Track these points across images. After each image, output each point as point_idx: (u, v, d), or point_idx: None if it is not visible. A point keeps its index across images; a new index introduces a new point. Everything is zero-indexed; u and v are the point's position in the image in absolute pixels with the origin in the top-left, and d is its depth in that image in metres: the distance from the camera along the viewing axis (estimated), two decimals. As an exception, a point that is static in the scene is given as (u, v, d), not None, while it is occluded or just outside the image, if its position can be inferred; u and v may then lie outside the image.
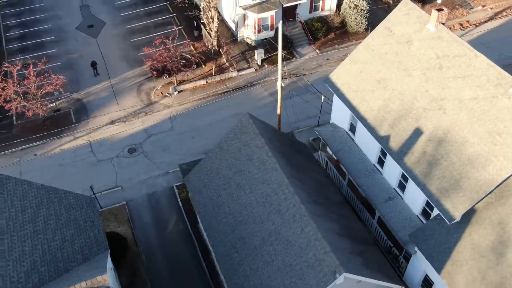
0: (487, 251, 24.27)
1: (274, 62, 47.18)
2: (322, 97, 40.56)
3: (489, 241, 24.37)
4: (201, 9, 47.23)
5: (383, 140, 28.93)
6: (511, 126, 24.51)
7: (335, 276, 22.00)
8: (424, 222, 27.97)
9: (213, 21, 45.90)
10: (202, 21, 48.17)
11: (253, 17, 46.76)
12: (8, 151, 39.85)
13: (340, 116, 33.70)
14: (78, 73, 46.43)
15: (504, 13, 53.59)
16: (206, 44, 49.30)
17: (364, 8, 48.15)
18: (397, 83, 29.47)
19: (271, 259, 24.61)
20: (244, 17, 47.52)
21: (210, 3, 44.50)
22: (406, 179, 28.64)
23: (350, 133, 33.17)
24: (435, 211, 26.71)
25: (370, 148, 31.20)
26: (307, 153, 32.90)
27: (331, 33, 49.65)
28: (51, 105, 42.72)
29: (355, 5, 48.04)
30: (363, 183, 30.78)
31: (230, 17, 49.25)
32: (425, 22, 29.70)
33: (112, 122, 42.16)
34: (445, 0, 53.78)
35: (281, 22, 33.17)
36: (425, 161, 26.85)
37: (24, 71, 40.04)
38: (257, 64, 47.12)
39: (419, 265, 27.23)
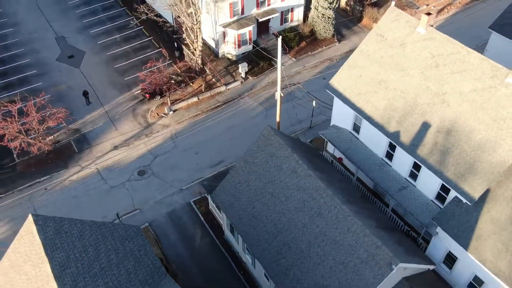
0: (506, 224, 25.11)
1: (256, 73, 46.64)
2: (314, 102, 40.56)
3: (507, 215, 25.24)
4: (183, 30, 45.78)
5: (394, 136, 29.27)
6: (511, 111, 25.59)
7: (391, 268, 21.97)
8: (440, 205, 28.58)
9: (197, 40, 44.60)
10: (185, 41, 46.73)
11: (233, 34, 45.92)
12: (16, 190, 36.72)
13: (342, 117, 33.74)
14: (69, 103, 43.54)
15: (446, 10, 55.97)
16: (190, 63, 47.91)
17: (330, 16, 48.59)
18: (397, 83, 29.90)
19: (321, 259, 24.23)
20: (224, 34, 46.56)
21: (195, 24, 43.17)
22: (417, 169, 29.15)
23: (354, 132, 33.31)
24: (451, 194, 27.37)
25: (377, 144, 31.45)
26: (320, 156, 32.73)
27: (303, 42, 49.74)
28: (50, 137, 39.85)
29: (322, 14, 48.36)
30: (375, 177, 31.01)
31: (209, 36, 48.07)
32: (415, 25, 30.31)
33: (116, 148, 39.95)
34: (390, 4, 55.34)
35: (280, 37, 32.73)
36: (437, 151, 27.43)
37: (23, 108, 37.10)
38: (241, 77, 46.35)
39: (441, 244, 27.77)
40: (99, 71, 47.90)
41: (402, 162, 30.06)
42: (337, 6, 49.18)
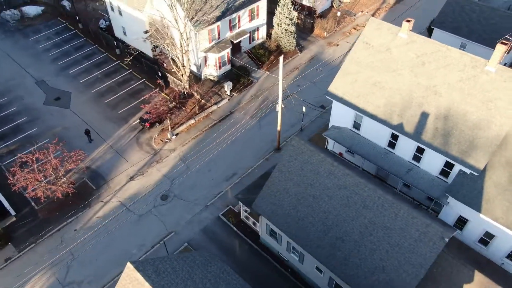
0: (507, 185, 26.95)
1: (239, 90, 45.73)
2: (303, 108, 40.60)
3: (506, 178, 27.10)
4: (166, 59, 43.64)
5: (398, 128, 30.17)
6: (496, 93, 27.40)
7: (444, 241, 22.70)
8: (444, 179, 29.98)
9: (185, 67, 42.72)
10: (167, 69, 44.53)
11: (214, 57, 44.55)
12: (45, 237, 32.94)
13: (341, 118, 34.11)
14: (71, 144, 39.67)
15: (377, 14, 58.60)
16: (176, 88, 45.80)
17: (292, 31, 48.84)
18: (391, 82, 30.81)
19: (376, 245, 24.39)
20: (205, 58, 45.03)
21: (185, 53, 41.27)
22: (421, 152, 30.32)
23: (354, 129, 33.83)
24: (455, 169, 28.82)
25: (379, 136, 32.20)
26: (334, 155, 32.82)
27: (271, 56, 49.57)
28: (63, 179, 36.09)
29: (285, 30, 48.47)
30: (383, 164, 31.80)
31: (191, 62, 46.20)
32: (396, 32, 31.37)
33: (131, 178, 37.18)
34: (333, 13, 56.89)
35: (282, 56, 32.30)
36: (439, 135, 28.71)
37: (40, 157, 33.22)
38: (227, 94, 45.18)
39: (452, 211, 29.17)
40: (90, 108, 44.22)
41: (405, 148, 31.08)
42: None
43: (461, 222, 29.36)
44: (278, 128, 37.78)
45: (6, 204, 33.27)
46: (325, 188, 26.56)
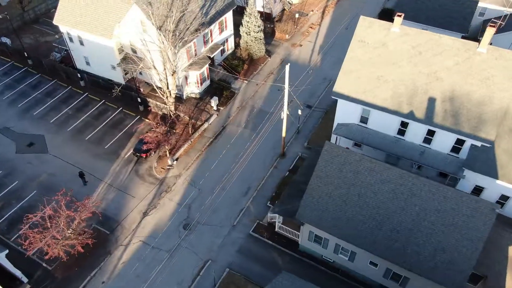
0: (515, 150, 29.47)
1: (224, 103, 44.31)
2: (299, 111, 40.48)
3: (511, 144, 29.61)
4: (144, 84, 40.88)
5: (409, 116, 31.34)
6: (491, 70, 29.63)
7: (495, 212, 24.11)
8: (456, 155, 31.76)
9: (169, 90, 40.28)
10: (143, 94, 41.71)
11: (195, 74, 42.62)
12: (71, 297, 29.26)
13: (347, 115, 34.53)
14: (65, 188, 35.47)
15: (326, 11, 60.33)
16: (160, 112, 43.11)
17: (261, 38, 48.46)
18: (393, 75, 31.89)
19: (432, 230, 25.16)
20: (186, 77, 42.91)
21: (172, 74, 38.86)
22: (431, 134, 31.80)
23: (361, 124, 34.46)
24: (466, 144, 30.70)
25: (387, 126, 33.14)
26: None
27: (245, 65, 48.72)
28: (69, 231, 32.22)
29: (255, 37, 47.91)
30: (397, 151, 32.90)
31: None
32: (388, 27, 32.50)
33: (145, 214, 34.35)
34: (287, 16, 57.46)
35: (288, 64, 31.84)
36: (449, 116, 30.36)
37: (50, 212, 29.21)
38: (214, 110, 43.55)
39: (468, 183, 31.12)
40: (72, 148, 39.96)
41: (415, 133, 32.37)
42: (260, 28, 49.30)
43: (476, 191, 31.47)
44: (283, 134, 37.35)
45: (17, 272, 28.84)
46: (369, 184, 26.79)
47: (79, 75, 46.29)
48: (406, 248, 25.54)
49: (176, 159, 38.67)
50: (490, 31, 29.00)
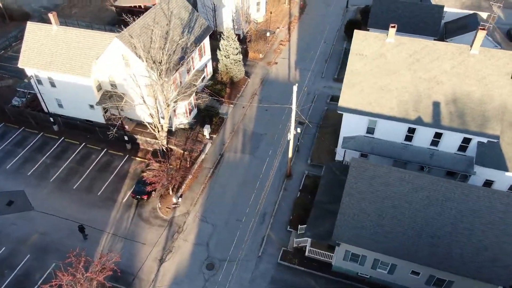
0: (518, 142, 31.46)
1: (216, 130, 43.07)
2: (298, 129, 40.27)
3: (514, 137, 31.60)
4: (137, 122, 38.64)
5: (417, 121, 32.37)
6: (486, 70, 31.56)
7: (526, 204, 25.37)
8: (463, 153, 33.21)
9: (161, 124, 38.33)
10: (128, 132, 39.38)
11: (183, 104, 41.06)
12: None
13: (353, 128, 34.97)
14: (63, 249, 32.00)
15: (292, 27, 61.32)
16: (150, 148, 40.87)
17: (240, 60, 48.07)
18: (396, 83, 32.89)
19: (471, 231, 25.81)
20: (174, 108, 41.17)
21: (167, 107, 37.01)
22: (438, 137, 33.03)
23: (368, 135, 35.02)
24: (473, 142, 32.26)
25: (395, 134, 33.97)
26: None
27: (227, 88, 47.92)
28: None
29: (234, 60, 47.41)
30: (407, 157, 33.78)
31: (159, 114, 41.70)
32: (383, 38, 33.59)
33: (162, 260, 31.97)
34: (256, 36, 57.48)
35: (296, 85, 31.64)
36: (454, 117, 31.78)
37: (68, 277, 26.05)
38: (207, 139, 42.13)
39: (479, 178, 32.67)
40: (60, 201, 36.46)
41: (423, 137, 33.46)
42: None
43: (486, 185, 33.07)
44: (289, 155, 36.94)
45: None
46: (402, 195, 27.07)
47: (51, 119, 42.75)
48: (449, 252, 25.99)
49: (180, 196, 36.68)
50: (481, 34, 30.98)
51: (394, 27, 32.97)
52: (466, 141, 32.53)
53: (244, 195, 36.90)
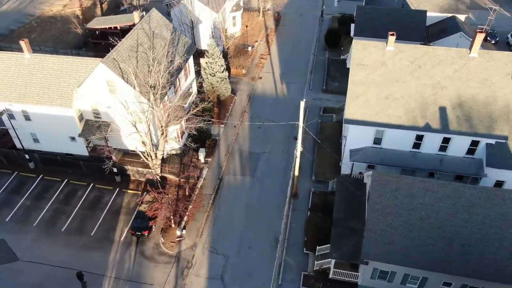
0: (525, 141, 32.93)
1: (210, 153, 42.10)
2: (300, 147, 40.05)
3: (520, 136, 33.05)
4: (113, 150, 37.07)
5: (426, 128, 33.13)
6: (487, 72, 33.00)
7: (552, 202, 26.36)
8: (471, 156, 34.26)
9: (156, 153, 36.94)
10: (116, 163, 37.73)
11: (174, 129, 39.84)
12: None
13: (360, 140, 35.23)
14: (62, 301, 30.02)
15: (270, 40, 61.75)
16: (142, 178, 39.21)
17: (226, 77, 47.63)
18: (401, 91, 33.63)
19: (500, 234, 26.39)
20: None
21: (162, 135, 35.68)
22: (446, 142, 33.92)
23: (375, 145, 35.40)
24: (481, 144, 33.40)
25: (403, 142, 34.54)
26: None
27: (215, 108, 47.16)
28: None
29: (220, 78, 46.89)
30: (417, 164, 34.43)
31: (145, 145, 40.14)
32: (382, 47, 34.39)
33: (175, 300, 30.44)
34: (234, 52, 57.34)
35: (304, 100, 31.55)
36: (462, 121, 32.84)
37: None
38: (203, 163, 41.03)
39: (490, 180, 33.78)
40: (48, 247, 33.96)
41: (431, 144, 34.24)
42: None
43: (496, 186, 34.25)
44: (296, 173, 36.64)
45: None
46: (428, 204, 27.38)
47: (27, 156, 40.12)
48: (482, 259, 26.41)
49: (184, 227, 35.27)
50: (479, 37, 32.47)
51: (393, 35, 33.89)
52: (474, 143, 33.65)
53: (251, 219, 36.07)
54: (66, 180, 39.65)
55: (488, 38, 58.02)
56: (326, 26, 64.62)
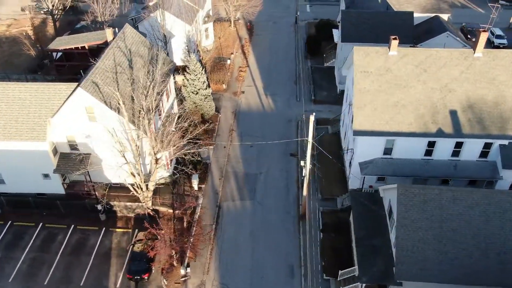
0: (536, 139, 34.38)
1: (203, 179, 40.84)
2: (302, 162, 39.70)
3: (531, 134, 34.50)
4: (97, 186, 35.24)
5: (438, 134, 33.81)
6: (494, 71, 34.32)
7: None
8: (484, 159, 35.29)
9: (147, 184, 35.29)
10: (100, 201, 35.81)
11: (164, 155, 38.30)
12: None
13: (369, 151, 35.37)
14: None
15: (246, 51, 61.61)
16: (130, 214, 37.30)
17: (209, 94, 46.77)
18: (408, 97, 34.24)
19: (530, 237, 27.20)
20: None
21: (155, 163, 34.10)
22: (459, 146, 34.74)
23: (385, 156, 35.64)
24: (493, 146, 34.47)
25: (414, 150, 35.02)
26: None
27: (201, 129, 45.95)
28: None
29: (203, 95, 45.95)
30: (430, 172, 34.99)
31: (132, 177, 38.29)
32: (385, 52, 35.03)
33: None
34: (211, 66, 56.74)
35: (314, 114, 31.33)
36: (475, 123, 33.81)
37: None
38: (196, 190, 39.68)
39: (505, 182, 34.88)
40: (32, 304, 31.36)
41: (443, 149, 34.93)
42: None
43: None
44: (305, 193, 36.18)
45: None
46: (458, 214, 27.70)
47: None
48: (507, 265, 26.99)
49: (188, 265, 33.71)
50: (483, 36, 33.82)
51: (395, 39, 34.66)
52: (487, 146, 34.74)
53: (258, 246, 35.16)
54: (41, 223, 37.01)
55: (469, 36, 61.06)
56: (303, 33, 65.73)
